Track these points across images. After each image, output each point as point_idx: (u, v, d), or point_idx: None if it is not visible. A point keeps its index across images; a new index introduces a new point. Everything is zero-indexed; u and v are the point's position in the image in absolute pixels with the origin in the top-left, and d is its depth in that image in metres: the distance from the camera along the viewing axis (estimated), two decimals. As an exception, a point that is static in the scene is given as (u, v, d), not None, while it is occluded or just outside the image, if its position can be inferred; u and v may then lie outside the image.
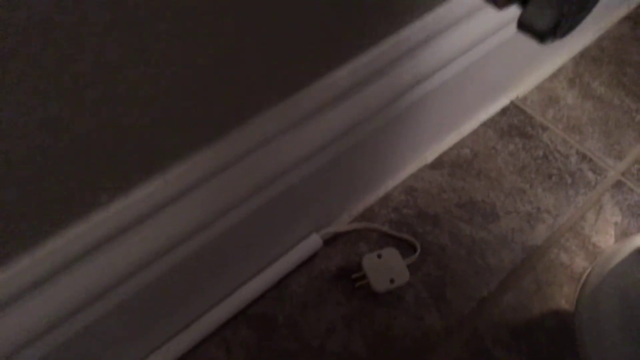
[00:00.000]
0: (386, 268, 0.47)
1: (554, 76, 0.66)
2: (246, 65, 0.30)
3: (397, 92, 0.43)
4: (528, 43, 0.56)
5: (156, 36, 0.24)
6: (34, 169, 0.24)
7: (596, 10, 0.67)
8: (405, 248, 0.50)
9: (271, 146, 0.36)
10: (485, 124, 0.60)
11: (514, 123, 0.60)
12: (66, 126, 0.24)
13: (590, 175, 0.56)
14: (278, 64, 0.32)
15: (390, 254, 0.48)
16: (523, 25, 0.26)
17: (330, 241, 0.49)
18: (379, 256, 0.47)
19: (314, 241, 0.47)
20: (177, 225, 0.33)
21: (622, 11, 0.73)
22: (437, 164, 0.56)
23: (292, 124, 0.37)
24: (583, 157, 0.58)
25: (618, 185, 0.56)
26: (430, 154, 0.56)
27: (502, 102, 0.62)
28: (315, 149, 0.39)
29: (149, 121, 0.27)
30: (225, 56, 0.28)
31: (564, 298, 0.48)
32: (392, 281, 0.46)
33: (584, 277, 0.49)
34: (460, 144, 0.58)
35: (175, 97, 0.28)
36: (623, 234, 0.52)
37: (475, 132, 0.59)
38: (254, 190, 0.36)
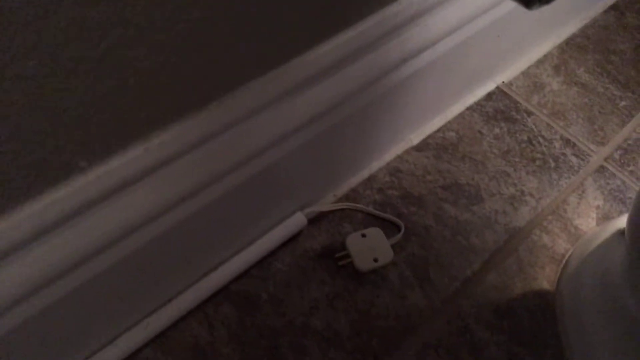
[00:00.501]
0: (370, 247, 0.47)
1: (539, 62, 0.66)
2: (229, 36, 0.30)
3: (382, 70, 0.42)
4: (515, 27, 0.56)
5: (136, -6, 0.23)
6: (9, 131, 0.24)
7: (582, -2, 0.67)
8: (390, 228, 0.50)
9: (253, 120, 0.36)
10: (471, 108, 0.60)
11: (499, 107, 0.60)
12: (42, 86, 0.23)
13: (573, 159, 0.57)
14: (261, 36, 0.32)
15: (375, 233, 0.48)
16: (507, -8, 0.26)
17: (315, 220, 0.49)
18: (363, 235, 0.47)
19: (298, 219, 0.47)
20: (157, 195, 0.33)
21: (609, 0, 0.74)
22: (422, 146, 0.56)
23: (275, 99, 0.36)
24: (567, 142, 0.58)
25: (601, 170, 0.57)
26: (416, 136, 0.56)
27: (488, 86, 0.62)
28: (298, 125, 0.39)
29: (129, 87, 0.27)
30: (208, 25, 0.28)
31: (545, 279, 0.48)
32: (375, 260, 0.46)
33: (565, 258, 0.50)
34: (446, 127, 0.58)
35: (156, 64, 0.27)
36: (605, 218, 0.53)
37: (461, 116, 0.59)
38: (236, 164, 0.36)
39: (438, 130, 0.57)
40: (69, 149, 0.27)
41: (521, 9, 0.52)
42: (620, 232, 0.48)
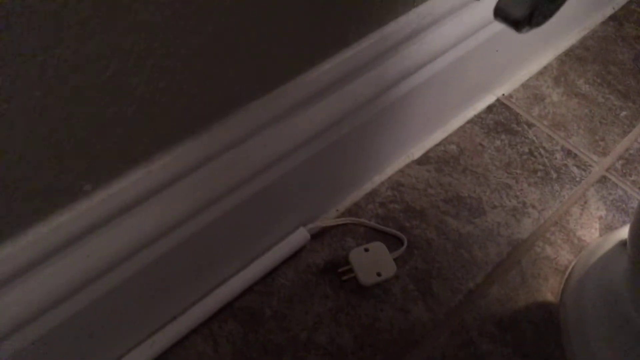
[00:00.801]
0: (373, 261, 0.47)
1: (539, 74, 0.66)
2: (229, 59, 0.31)
3: (381, 88, 0.43)
4: (514, 40, 0.57)
5: (136, 26, 0.24)
6: (15, 157, 0.24)
7: (581, 10, 0.68)
8: (392, 242, 0.50)
9: (255, 140, 0.37)
10: (472, 121, 0.60)
11: (500, 120, 0.61)
12: (46, 114, 0.24)
13: (575, 170, 0.57)
14: (262, 57, 0.33)
15: (377, 247, 0.48)
16: (499, 13, 0.27)
17: (318, 235, 0.50)
18: (366, 250, 0.48)
19: (301, 235, 0.47)
20: (161, 216, 0.33)
21: (607, 11, 0.74)
22: (423, 160, 0.56)
23: (276, 118, 0.37)
24: (568, 153, 0.59)
25: (603, 180, 0.57)
26: (417, 150, 0.57)
27: (488, 99, 0.63)
28: (299, 143, 0.39)
29: (131, 112, 0.28)
30: (208, 50, 0.29)
31: (549, 290, 0.49)
32: (379, 274, 0.46)
33: (568, 270, 0.50)
34: (446, 141, 0.58)
35: (157, 90, 0.28)
36: (607, 228, 0.53)
37: (461, 129, 0.59)
38: (238, 183, 0.37)
39: (439, 144, 0.58)
40: (74, 173, 0.28)
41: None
42: (623, 243, 0.48)
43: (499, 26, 0.51)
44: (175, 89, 0.29)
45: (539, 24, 0.27)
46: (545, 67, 0.67)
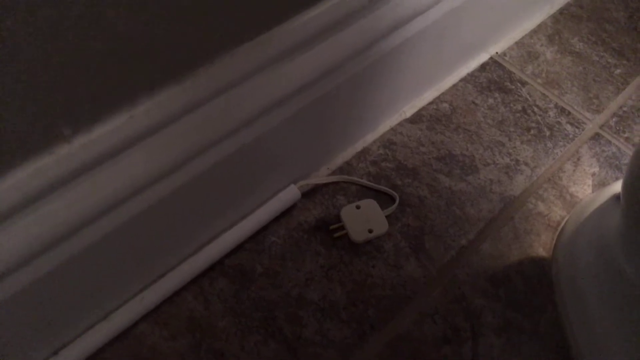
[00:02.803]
0: (365, 219, 0.46)
1: (533, 32, 0.65)
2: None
3: (373, 38, 0.42)
4: (507, -5, 0.55)
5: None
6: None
7: (576, -34, 0.66)
8: (384, 200, 0.49)
9: (241, 88, 0.35)
10: (465, 79, 0.59)
11: (493, 78, 0.60)
12: (19, 48, 0.23)
13: (568, 128, 0.57)
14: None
15: (369, 205, 0.47)
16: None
17: (309, 193, 0.49)
18: (358, 207, 0.47)
19: (292, 192, 0.47)
20: (145, 165, 0.32)
21: (602, -31, 0.73)
22: (416, 119, 0.55)
23: (262, 66, 0.36)
24: (562, 110, 0.58)
25: (596, 137, 0.56)
26: (409, 109, 0.56)
27: (482, 57, 0.62)
28: (288, 93, 0.38)
29: (110, 50, 0.26)
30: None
31: (541, 246, 0.48)
32: (370, 231, 0.46)
33: (561, 225, 0.50)
34: (439, 99, 0.57)
35: (137, 26, 0.26)
36: (601, 185, 0.53)
37: (454, 87, 0.58)
38: (225, 133, 0.36)
39: (431, 102, 0.57)
40: (51, 115, 0.26)
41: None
42: (616, 197, 0.47)
43: (494, -22, 0.50)
44: (156, 27, 0.27)
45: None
46: (539, 26, 0.66)
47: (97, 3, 0.24)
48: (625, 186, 0.40)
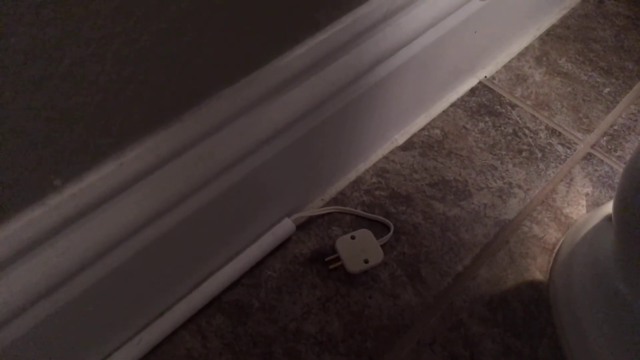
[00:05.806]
0: (360, 249, 0.47)
1: (521, 55, 0.66)
2: (197, 44, 0.30)
3: (357, 72, 0.43)
4: (492, 21, 0.56)
5: (96, 14, 0.24)
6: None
7: (559, -11, 0.68)
8: (379, 229, 0.50)
9: (229, 128, 0.36)
10: (455, 104, 0.60)
11: (483, 102, 0.61)
12: (6, 106, 0.24)
13: (560, 149, 0.57)
14: (230, 43, 0.32)
15: (364, 235, 0.48)
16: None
17: (304, 226, 0.49)
18: (353, 237, 0.47)
19: (286, 225, 0.47)
20: (137, 210, 0.33)
21: (586, -11, 0.74)
22: (408, 146, 0.56)
23: (249, 106, 0.37)
24: (552, 131, 0.58)
25: (588, 157, 0.57)
26: (401, 136, 0.57)
27: (471, 82, 0.62)
28: (275, 130, 0.39)
29: (97, 102, 0.27)
30: (174, 35, 0.28)
31: (538, 269, 0.48)
32: (366, 261, 0.46)
33: (557, 247, 0.50)
34: (430, 125, 0.58)
35: (122, 78, 0.27)
36: (595, 204, 0.53)
37: (445, 113, 0.59)
38: (216, 173, 0.36)
39: (423, 129, 0.58)
40: (42, 168, 0.27)
41: (495, 4, 0.53)
42: (609, 217, 0.47)
43: (476, 6, 0.51)
44: (140, 78, 0.28)
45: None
46: (526, 48, 0.67)
47: (81, 60, 0.25)
48: (615, 206, 0.40)
